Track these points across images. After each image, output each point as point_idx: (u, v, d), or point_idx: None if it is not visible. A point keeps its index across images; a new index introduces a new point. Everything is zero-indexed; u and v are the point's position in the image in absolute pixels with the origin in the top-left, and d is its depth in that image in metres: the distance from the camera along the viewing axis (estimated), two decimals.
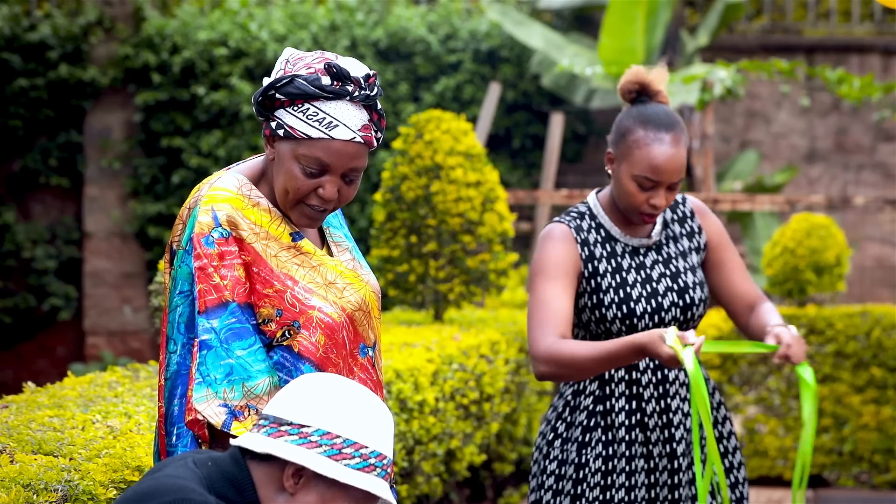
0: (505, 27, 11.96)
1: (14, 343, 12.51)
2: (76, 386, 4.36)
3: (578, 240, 3.85)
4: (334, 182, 2.95)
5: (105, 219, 12.51)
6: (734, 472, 3.96)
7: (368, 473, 2.65)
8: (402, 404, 5.44)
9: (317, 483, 2.64)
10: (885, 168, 12.83)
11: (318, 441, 2.63)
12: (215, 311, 2.88)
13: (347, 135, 2.92)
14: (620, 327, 3.81)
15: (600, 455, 3.83)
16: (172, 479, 2.59)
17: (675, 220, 3.97)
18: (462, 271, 7.20)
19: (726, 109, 12.96)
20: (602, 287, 3.83)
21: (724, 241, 3.99)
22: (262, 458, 2.66)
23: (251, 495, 2.65)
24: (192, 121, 12.35)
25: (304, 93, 2.91)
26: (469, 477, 7.42)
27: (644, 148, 3.75)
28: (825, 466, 8.37)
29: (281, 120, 2.94)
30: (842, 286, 8.50)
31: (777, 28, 13.35)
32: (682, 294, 3.85)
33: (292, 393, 2.70)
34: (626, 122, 3.82)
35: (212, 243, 2.90)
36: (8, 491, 2.95)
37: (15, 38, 12.43)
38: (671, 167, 3.75)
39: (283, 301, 2.93)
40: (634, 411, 3.85)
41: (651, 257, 3.90)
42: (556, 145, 11.35)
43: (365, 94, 2.94)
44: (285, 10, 12.54)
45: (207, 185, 2.99)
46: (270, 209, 3.00)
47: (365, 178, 12.17)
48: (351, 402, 2.68)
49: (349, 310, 3.00)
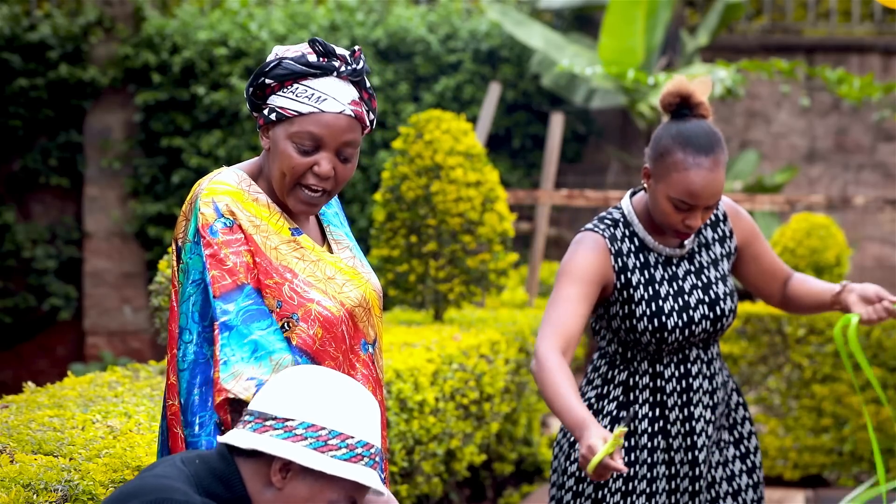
0: (505, 27, 11.95)
1: (14, 343, 12.51)
2: (76, 386, 4.36)
3: (612, 250, 3.81)
4: (329, 158, 2.97)
5: (105, 219, 12.51)
6: (756, 472, 3.96)
7: (355, 463, 2.65)
8: (402, 404, 5.44)
9: (304, 476, 2.64)
10: (885, 168, 12.83)
11: (303, 434, 2.63)
12: (231, 294, 2.90)
13: (337, 107, 2.96)
14: (651, 339, 3.80)
15: (622, 460, 3.82)
16: (157, 479, 2.59)
17: (708, 225, 3.94)
18: (462, 271, 7.20)
19: (726, 109, 12.96)
20: (634, 299, 3.80)
21: (756, 234, 3.98)
22: (249, 454, 2.66)
23: (240, 491, 2.65)
24: (192, 121, 12.34)
25: (293, 72, 2.96)
26: (469, 477, 7.42)
27: (682, 172, 3.68)
28: (825, 466, 8.37)
29: (272, 104, 2.98)
30: None
31: (777, 28, 13.35)
32: (712, 307, 3.84)
33: (276, 387, 2.70)
34: (666, 140, 3.73)
35: (216, 233, 2.93)
36: (8, 491, 2.95)
37: (15, 38, 12.43)
38: (709, 192, 3.69)
39: (281, 293, 2.94)
40: (658, 418, 3.85)
41: (683, 267, 3.88)
42: (556, 145, 11.34)
43: (352, 68, 2.99)
44: (285, 10, 12.54)
45: (208, 180, 3.01)
46: (269, 204, 3.02)
47: (365, 178, 12.17)
48: (335, 392, 2.68)
49: (349, 305, 3.01)
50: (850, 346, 3.58)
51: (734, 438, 3.96)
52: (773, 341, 8.39)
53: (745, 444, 3.96)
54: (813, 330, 8.34)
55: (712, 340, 3.90)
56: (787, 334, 8.34)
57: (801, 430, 8.35)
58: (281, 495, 2.64)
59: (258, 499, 2.65)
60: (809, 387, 8.35)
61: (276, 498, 2.65)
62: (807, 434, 8.35)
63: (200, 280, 2.93)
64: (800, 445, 8.35)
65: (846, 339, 3.72)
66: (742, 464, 3.93)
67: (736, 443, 3.95)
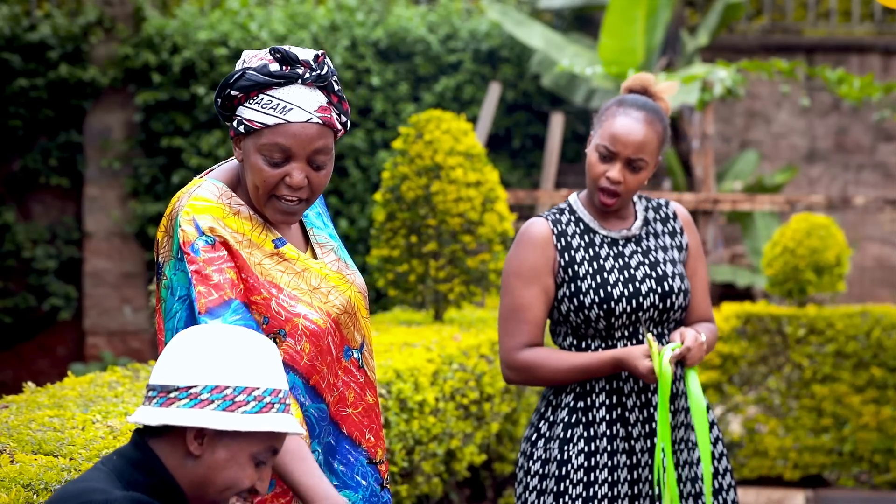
0: (505, 27, 11.95)
1: (14, 343, 12.50)
2: (76, 386, 4.35)
3: (555, 231, 3.87)
4: (301, 168, 2.94)
5: (105, 219, 12.51)
6: (718, 477, 3.96)
7: (267, 413, 2.64)
8: (402, 404, 5.44)
9: (220, 438, 2.63)
10: (885, 168, 12.83)
11: (208, 398, 2.62)
12: (217, 310, 2.87)
13: (303, 116, 2.92)
14: (598, 312, 3.81)
15: (582, 451, 3.84)
16: (75, 485, 2.59)
17: (658, 220, 3.99)
18: (462, 271, 7.19)
19: (726, 109, 12.96)
20: (580, 274, 3.84)
21: (701, 255, 4.03)
22: (161, 431, 2.66)
23: (161, 472, 2.64)
24: (192, 121, 12.34)
25: (256, 83, 2.92)
26: (469, 477, 7.41)
27: (610, 119, 3.82)
28: (825, 466, 8.36)
29: (241, 116, 2.95)
30: (842, 286, 8.50)
31: (777, 28, 13.35)
32: (660, 282, 3.86)
33: (170, 358, 2.67)
34: (605, 104, 3.90)
35: (198, 251, 2.90)
36: (8, 491, 2.95)
37: (15, 38, 12.42)
38: (630, 139, 3.78)
39: (269, 309, 2.93)
40: (615, 406, 3.86)
41: (630, 248, 3.92)
42: (556, 145, 11.34)
43: (316, 73, 2.94)
44: (285, 10, 12.53)
45: (187, 195, 2.97)
46: (251, 216, 2.99)
47: (365, 178, 12.17)
48: (230, 349, 2.66)
49: (334, 314, 2.99)
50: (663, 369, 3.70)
51: None
52: (773, 341, 8.39)
53: (711, 447, 3.95)
54: (813, 330, 8.34)
55: (665, 327, 3.89)
56: (787, 334, 8.34)
57: (802, 431, 8.35)
58: (202, 463, 2.64)
59: (181, 472, 2.64)
60: (809, 387, 8.35)
61: (198, 465, 2.64)
62: (807, 434, 8.35)
63: (186, 296, 2.91)
64: (800, 445, 8.35)
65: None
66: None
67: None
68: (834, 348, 8.30)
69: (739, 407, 8.44)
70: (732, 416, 8.51)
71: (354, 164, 12.21)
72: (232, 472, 2.65)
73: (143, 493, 2.60)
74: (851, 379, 8.29)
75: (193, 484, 2.65)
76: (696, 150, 10.82)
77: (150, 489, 2.62)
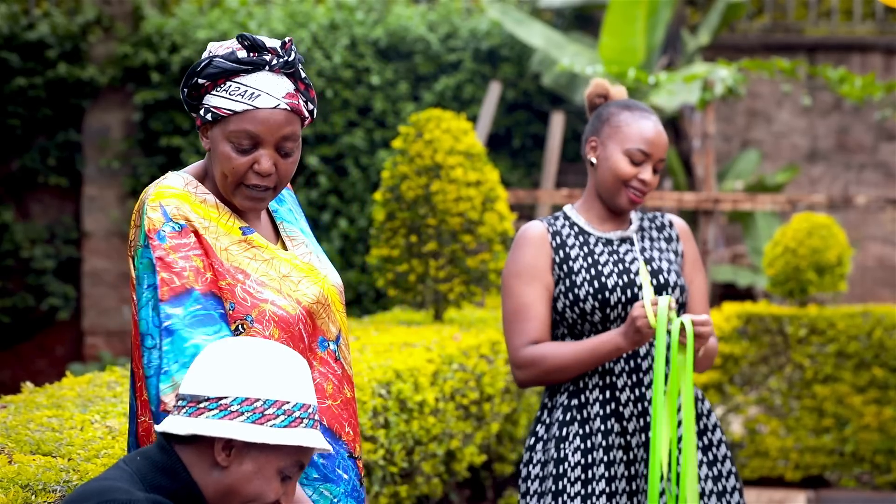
0: (505, 26, 11.94)
1: (13, 343, 12.48)
2: (75, 386, 4.34)
3: (551, 230, 3.95)
4: (269, 155, 2.94)
5: (104, 218, 12.49)
6: (722, 480, 3.97)
7: (296, 427, 2.64)
8: (402, 404, 5.42)
9: (248, 451, 2.63)
10: (886, 167, 12.81)
11: (238, 410, 2.62)
12: (178, 298, 2.86)
13: (271, 102, 2.93)
14: (594, 303, 3.86)
15: (578, 448, 3.87)
16: (99, 482, 2.58)
17: (654, 228, 4.08)
18: (462, 271, 7.17)
19: (727, 109, 12.94)
20: (574, 269, 3.91)
21: (698, 265, 4.09)
22: (189, 440, 2.65)
23: (185, 478, 2.64)
24: (192, 120, 12.33)
25: (224, 70, 2.93)
26: (469, 477, 7.40)
27: (634, 124, 3.92)
28: (826, 467, 8.35)
29: (207, 104, 2.96)
30: (843, 286, 8.48)
31: (778, 27, 13.33)
32: (655, 275, 3.93)
33: (202, 368, 2.68)
34: (607, 110, 3.98)
35: (164, 237, 2.89)
36: (6, 491, 2.94)
37: (13, 37, 12.41)
38: (661, 141, 3.92)
39: (234, 295, 2.91)
40: (609, 401, 3.89)
41: (625, 247, 4.00)
42: (557, 145, 11.33)
43: (283, 60, 2.96)
44: (285, 9, 12.52)
45: (154, 186, 2.98)
46: (218, 205, 3.00)
47: (365, 178, 12.15)
48: (262, 361, 2.67)
49: (305, 303, 2.98)
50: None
51: (703, 445, 3.98)
52: (775, 341, 8.37)
53: (713, 451, 3.98)
54: (814, 330, 8.33)
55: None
56: (788, 334, 8.32)
57: (803, 431, 8.33)
58: (228, 474, 2.64)
59: (206, 481, 2.64)
60: (811, 387, 8.33)
61: (224, 477, 2.64)
62: (808, 435, 8.33)
63: (153, 284, 2.89)
64: (801, 446, 8.33)
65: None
66: (709, 470, 3.96)
67: (704, 449, 3.97)
68: (835, 348, 8.28)
69: (740, 407, 8.42)
70: (733, 416, 8.49)
71: (354, 164, 12.19)
72: (258, 485, 2.65)
73: (165, 498, 2.60)
74: (853, 379, 8.27)
75: (217, 494, 2.65)
76: (697, 150, 10.80)
77: (172, 494, 2.62)
